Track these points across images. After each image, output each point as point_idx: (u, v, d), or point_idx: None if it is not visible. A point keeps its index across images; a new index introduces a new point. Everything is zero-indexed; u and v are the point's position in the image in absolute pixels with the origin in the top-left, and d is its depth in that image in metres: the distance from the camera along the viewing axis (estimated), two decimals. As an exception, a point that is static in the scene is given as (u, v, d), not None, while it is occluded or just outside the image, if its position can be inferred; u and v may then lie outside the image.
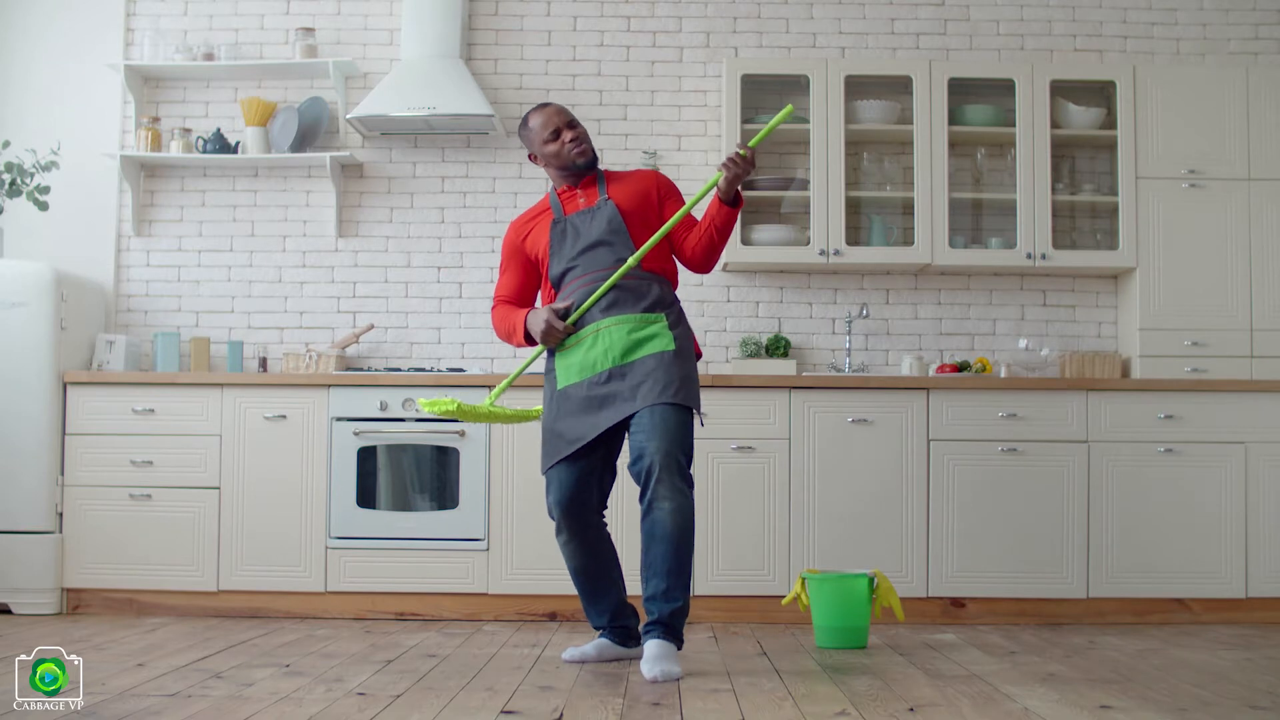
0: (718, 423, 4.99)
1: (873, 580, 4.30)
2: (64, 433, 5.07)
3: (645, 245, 3.78)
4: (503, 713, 3.09)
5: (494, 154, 5.72)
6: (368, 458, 5.04)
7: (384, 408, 5.05)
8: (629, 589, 4.03)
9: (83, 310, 5.31)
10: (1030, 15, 5.75)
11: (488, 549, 5.00)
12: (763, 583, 4.97)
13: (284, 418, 5.05)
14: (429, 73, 5.45)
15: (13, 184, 5.23)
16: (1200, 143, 5.40)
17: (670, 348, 3.76)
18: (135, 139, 5.64)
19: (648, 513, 3.63)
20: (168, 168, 5.71)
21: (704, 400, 4.90)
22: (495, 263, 5.51)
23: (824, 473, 5.00)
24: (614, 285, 3.76)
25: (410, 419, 5.03)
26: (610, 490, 3.89)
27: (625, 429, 3.80)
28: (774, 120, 3.72)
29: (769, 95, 5.60)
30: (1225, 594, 5.02)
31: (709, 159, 5.68)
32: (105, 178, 5.67)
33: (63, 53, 5.70)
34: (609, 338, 3.75)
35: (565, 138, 3.88)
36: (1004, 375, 5.35)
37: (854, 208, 5.56)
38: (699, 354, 3.91)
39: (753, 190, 5.41)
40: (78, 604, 5.05)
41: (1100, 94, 5.60)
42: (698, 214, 3.99)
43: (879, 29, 5.73)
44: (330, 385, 5.06)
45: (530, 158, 4.01)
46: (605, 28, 5.75)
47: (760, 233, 5.42)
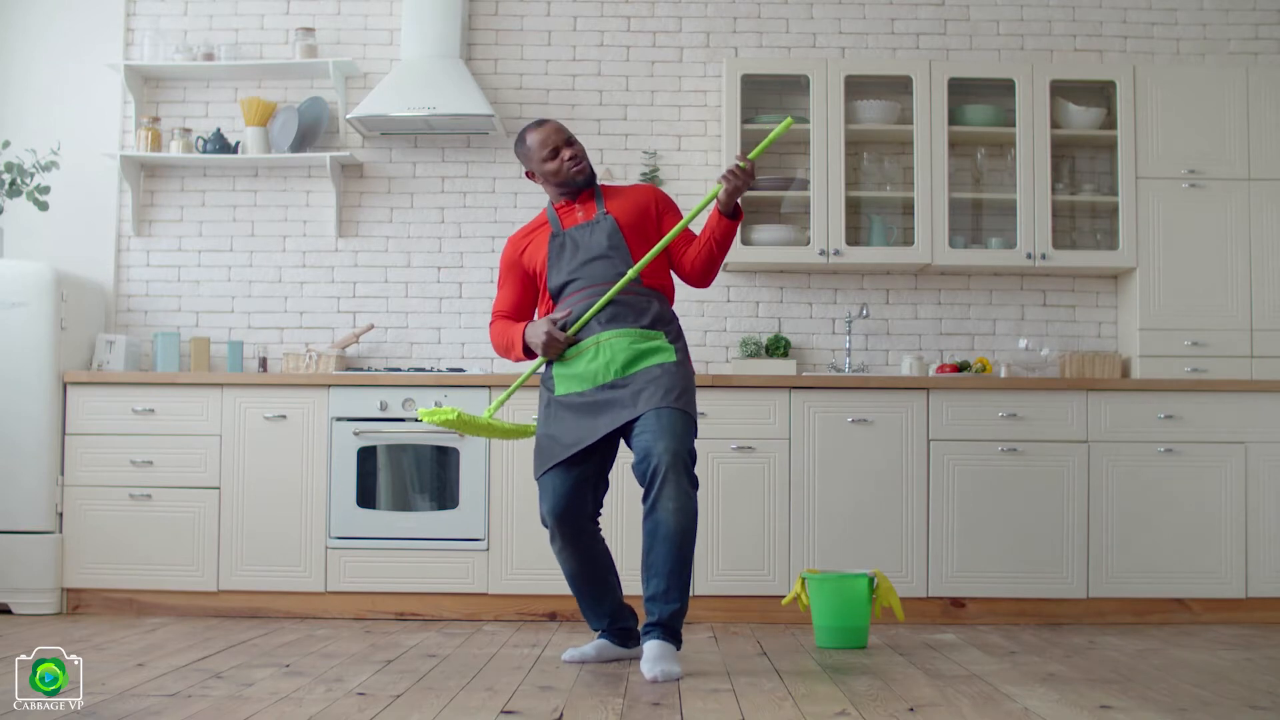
0: (718, 423, 4.99)
1: (873, 580, 4.30)
2: (64, 433, 5.07)
3: (646, 256, 3.78)
4: (503, 713, 3.09)
5: (494, 154, 5.71)
6: (368, 458, 5.04)
7: (384, 408, 5.05)
8: (628, 589, 4.03)
9: (83, 310, 5.31)
10: (1030, 15, 5.75)
11: (488, 549, 5.00)
12: (763, 583, 4.97)
13: (284, 418, 5.05)
14: (429, 73, 5.45)
15: (13, 184, 5.23)
16: (1200, 143, 5.40)
17: (672, 359, 3.76)
18: (135, 139, 5.64)
19: (651, 511, 3.62)
20: (168, 168, 5.71)
21: (704, 400, 4.91)
22: (495, 262, 5.51)
23: (824, 473, 5.01)
24: (613, 299, 3.76)
25: (410, 419, 5.03)
26: (603, 499, 3.88)
27: (621, 439, 3.80)
28: (773, 133, 3.72)
29: (769, 95, 5.61)
30: (1225, 594, 5.02)
31: (709, 159, 5.68)
32: (105, 178, 5.67)
33: (63, 53, 5.70)
34: (610, 350, 3.75)
35: (564, 155, 3.86)
36: (1004, 375, 5.35)
37: (854, 208, 5.56)
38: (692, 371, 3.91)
39: (753, 190, 5.41)
40: (78, 604, 5.05)
41: (1100, 94, 5.60)
42: (696, 227, 3.98)
43: (879, 29, 5.73)
44: (330, 385, 5.06)
45: (527, 175, 3.98)
46: (605, 28, 5.75)
47: (760, 233, 5.42)
